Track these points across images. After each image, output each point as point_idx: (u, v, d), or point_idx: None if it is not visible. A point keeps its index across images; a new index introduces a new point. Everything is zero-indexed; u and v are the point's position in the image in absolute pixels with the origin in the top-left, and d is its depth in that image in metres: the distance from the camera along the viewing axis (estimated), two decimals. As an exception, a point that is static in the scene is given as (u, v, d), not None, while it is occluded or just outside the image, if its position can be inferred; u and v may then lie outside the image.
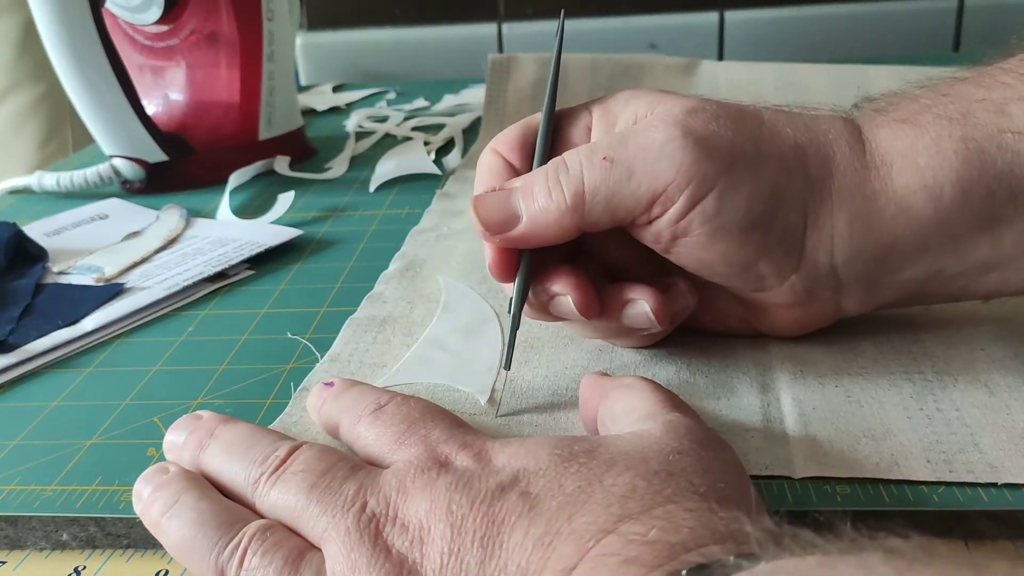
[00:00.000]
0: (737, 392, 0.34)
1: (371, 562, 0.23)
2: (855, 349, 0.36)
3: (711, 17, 1.01)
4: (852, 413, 0.32)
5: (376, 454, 0.28)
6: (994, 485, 0.28)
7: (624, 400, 0.29)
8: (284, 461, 0.27)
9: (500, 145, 0.36)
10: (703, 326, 0.38)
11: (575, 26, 1.02)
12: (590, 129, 0.35)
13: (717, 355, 0.36)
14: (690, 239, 0.32)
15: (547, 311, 0.34)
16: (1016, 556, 0.14)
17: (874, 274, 0.33)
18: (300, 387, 0.36)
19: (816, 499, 0.28)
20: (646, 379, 0.30)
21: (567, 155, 0.33)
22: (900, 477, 0.28)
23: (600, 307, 0.34)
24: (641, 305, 0.33)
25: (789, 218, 0.32)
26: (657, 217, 0.32)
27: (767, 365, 0.35)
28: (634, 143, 0.32)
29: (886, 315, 0.38)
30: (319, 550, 0.25)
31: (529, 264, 0.34)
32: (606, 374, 0.32)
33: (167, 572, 0.29)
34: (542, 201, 0.32)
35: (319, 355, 0.39)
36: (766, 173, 0.32)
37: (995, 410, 0.31)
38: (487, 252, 0.34)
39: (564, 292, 0.33)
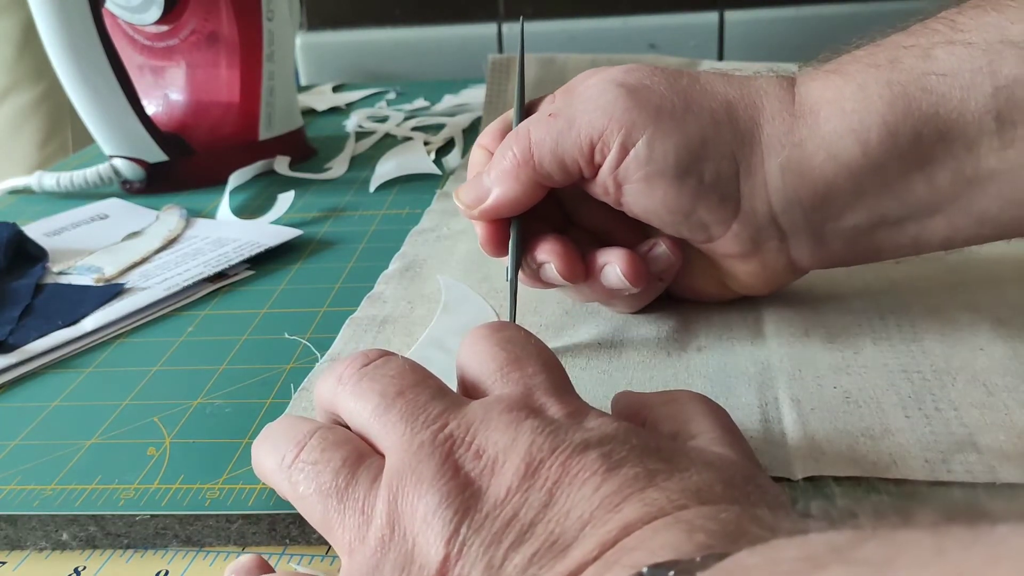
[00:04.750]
0: (735, 392, 0.34)
1: (436, 476, 0.23)
2: (854, 348, 0.36)
3: (711, 17, 1.01)
4: (850, 412, 0.32)
5: (476, 376, 0.28)
6: (993, 485, 0.28)
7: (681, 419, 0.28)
8: (374, 361, 0.27)
9: (485, 139, 0.39)
10: (683, 293, 0.40)
11: (575, 26, 1.02)
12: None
13: (715, 355, 0.36)
14: (632, 186, 0.35)
15: (539, 278, 0.37)
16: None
17: (815, 222, 0.35)
18: (300, 387, 0.36)
19: (816, 500, 0.28)
20: (695, 395, 0.29)
21: (521, 123, 0.37)
22: (898, 476, 0.28)
23: (584, 272, 0.36)
24: (612, 268, 0.36)
25: (720, 166, 0.34)
26: (600, 166, 0.35)
27: (765, 364, 0.35)
28: (575, 99, 0.36)
29: (884, 314, 0.38)
30: (380, 456, 0.25)
31: (519, 233, 0.37)
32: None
33: (167, 572, 0.29)
34: (499, 164, 0.36)
35: (319, 355, 0.39)
36: (693, 124, 0.34)
37: (994, 410, 0.31)
38: (477, 230, 0.38)
39: (548, 260, 0.36)
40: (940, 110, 0.32)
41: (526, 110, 0.39)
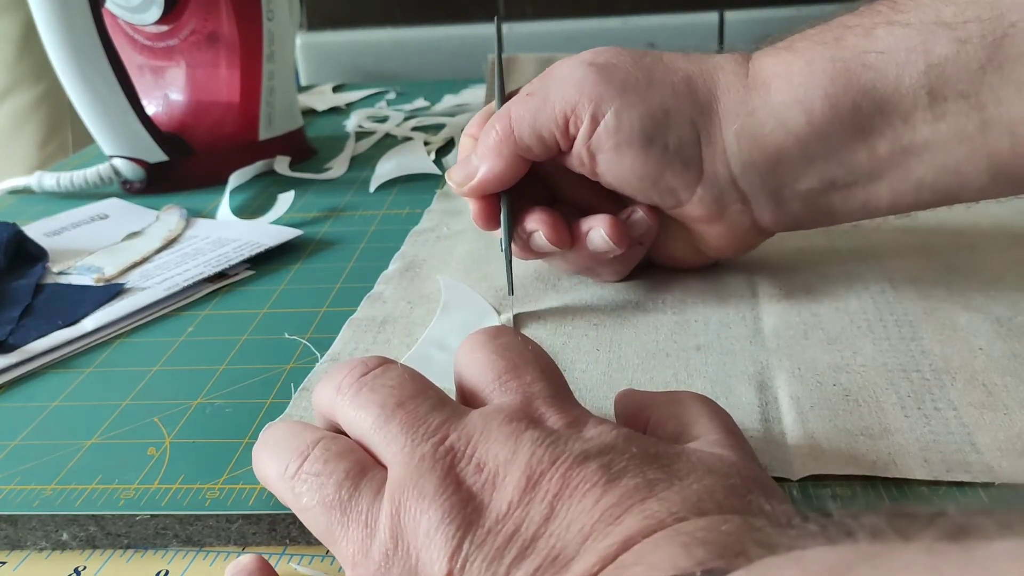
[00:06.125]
0: (735, 391, 0.34)
1: (438, 490, 0.23)
2: (853, 347, 0.36)
3: (711, 17, 1.01)
4: (850, 411, 0.32)
5: (475, 384, 0.28)
6: (991, 485, 0.28)
7: (685, 419, 0.28)
8: (373, 370, 0.27)
9: (471, 128, 0.42)
10: (662, 260, 0.43)
11: (575, 26, 1.02)
12: None
13: (715, 355, 0.36)
14: (604, 156, 0.38)
15: (530, 248, 0.40)
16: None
17: (772, 185, 0.38)
18: (300, 387, 0.37)
19: (815, 501, 0.28)
20: (699, 396, 0.29)
21: (503, 105, 0.40)
22: (897, 476, 0.28)
23: (571, 238, 0.39)
24: (597, 231, 0.39)
25: (682, 134, 0.37)
26: (574, 138, 0.38)
27: (765, 364, 0.35)
28: (549, 78, 0.39)
29: (883, 314, 0.38)
30: (382, 468, 0.25)
31: (508, 205, 0.40)
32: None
33: (167, 572, 0.29)
34: (484, 143, 0.39)
35: (319, 355, 0.39)
36: (656, 96, 0.37)
37: (993, 410, 0.31)
38: (470, 206, 0.41)
39: (537, 228, 0.39)
40: (878, 84, 0.35)
41: (508, 96, 0.41)
